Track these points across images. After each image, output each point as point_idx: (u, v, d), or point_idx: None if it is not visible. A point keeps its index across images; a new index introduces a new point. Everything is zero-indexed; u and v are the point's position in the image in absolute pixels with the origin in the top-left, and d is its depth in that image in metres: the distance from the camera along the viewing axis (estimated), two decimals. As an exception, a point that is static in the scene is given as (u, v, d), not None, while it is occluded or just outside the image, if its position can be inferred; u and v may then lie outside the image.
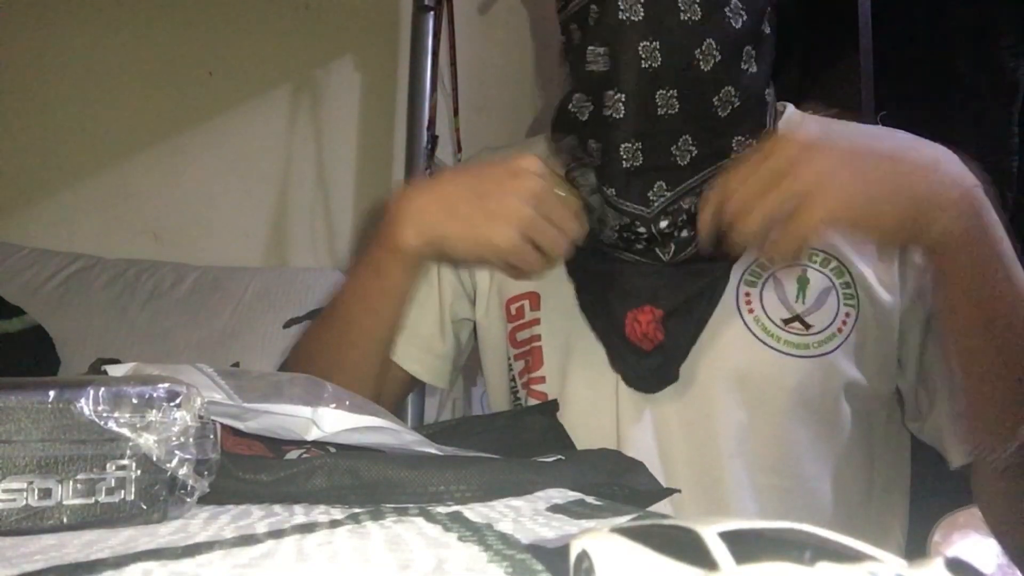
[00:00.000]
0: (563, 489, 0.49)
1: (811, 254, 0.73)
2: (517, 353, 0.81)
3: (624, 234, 0.72)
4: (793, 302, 0.72)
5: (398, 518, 0.41)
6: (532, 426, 0.68)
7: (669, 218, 0.71)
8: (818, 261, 0.73)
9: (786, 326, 0.72)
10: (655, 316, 0.71)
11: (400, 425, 0.52)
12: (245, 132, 1.55)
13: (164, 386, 0.40)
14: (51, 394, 0.37)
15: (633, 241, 0.72)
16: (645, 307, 0.71)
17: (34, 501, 0.36)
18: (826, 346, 0.71)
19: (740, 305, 0.73)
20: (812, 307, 0.72)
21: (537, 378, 0.78)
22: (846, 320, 0.72)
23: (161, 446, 0.39)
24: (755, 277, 0.74)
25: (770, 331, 0.72)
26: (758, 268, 0.74)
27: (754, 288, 0.73)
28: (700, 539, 0.22)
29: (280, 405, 0.47)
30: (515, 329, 0.81)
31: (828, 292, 0.72)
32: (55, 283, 1.34)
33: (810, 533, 0.23)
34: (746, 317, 0.72)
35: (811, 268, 0.73)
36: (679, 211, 0.71)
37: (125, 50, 1.53)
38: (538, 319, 0.79)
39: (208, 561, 0.31)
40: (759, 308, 0.72)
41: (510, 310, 0.81)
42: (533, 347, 0.78)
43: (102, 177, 1.53)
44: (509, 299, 0.81)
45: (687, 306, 0.71)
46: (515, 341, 0.81)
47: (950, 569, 0.20)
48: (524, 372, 0.80)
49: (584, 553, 0.25)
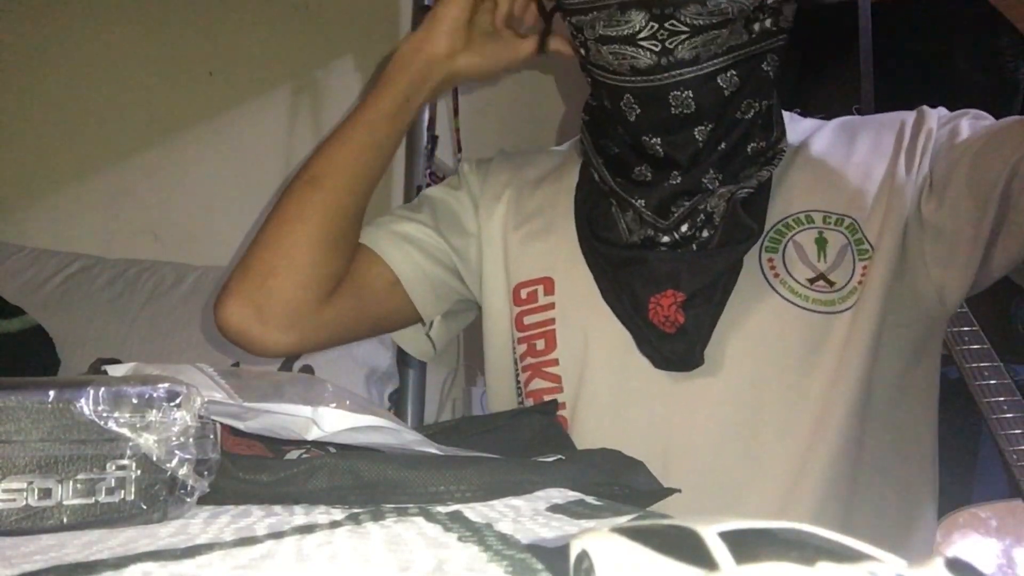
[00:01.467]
0: (563, 489, 0.49)
1: (824, 216, 0.76)
2: (521, 336, 0.82)
3: (647, 243, 0.76)
4: (815, 262, 0.75)
5: (398, 518, 0.41)
6: (532, 426, 0.68)
7: (688, 221, 0.74)
8: (832, 221, 0.75)
9: (812, 285, 0.74)
10: (676, 300, 0.73)
11: (400, 425, 0.52)
12: (245, 132, 1.55)
13: (164, 386, 0.40)
14: (51, 394, 0.37)
15: (657, 245, 0.76)
16: (667, 291, 0.74)
17: (34, 501, 0.36)
18: (849, 300, 0.73)
19: (766, 272, 0.75)
20: (833, 265, 0.74)
21: (550, 360, 0.80)
22: (864, 274, 0.74)
23: (161, 446, 0.39)
24: (775, 244, 0.76)
25: (798, 292, 0.74)
26: (776, 235, 0.76)
27: (776, 254, 0.75)
28: (700, 539, 0.22)
29: (280, 404, 0.47)
30: (523, 313, 0.82)
31: (846, 249, 0.74)
32: (55, 283, 1.34)
33: (810, 533, 0.23)
34: (773, 282, 0.74)
35: (827, 229, 0.75)
36: (696, 212, 0.74)
37: (125, 50, 1.53)
38: (552, 303, 0.81)
39: (208, 562, 0.31)
40: (784, 272, 0.75)
41: (519, 294, 0.83)
42: (546, 331, 0.80)
43: (102, 177, 1.53)
44: (519, 284, 0.83)
45: (708, 289, 0.73)
46: (521, 325, 0.82)
47: (950, 569, 0.20)
48: (527, 355, 0.81)
49: (584, 553, 0.25)
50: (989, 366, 1.12)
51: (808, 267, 0.74)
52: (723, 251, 0.74)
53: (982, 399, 1.10)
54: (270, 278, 0.77)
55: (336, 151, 0.81)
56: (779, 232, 0.76)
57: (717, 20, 0.69)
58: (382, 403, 1.27)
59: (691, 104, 0.72)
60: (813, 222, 0.76)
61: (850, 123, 0.84)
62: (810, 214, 0.76)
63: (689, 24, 0.69)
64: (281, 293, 0.77)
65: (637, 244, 0.76)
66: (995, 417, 1.09)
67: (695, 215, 0.74)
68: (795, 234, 0.76)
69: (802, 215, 0.76)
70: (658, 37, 0.70)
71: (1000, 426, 1.08)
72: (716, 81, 0.72)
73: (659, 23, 0.69)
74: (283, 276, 0.77)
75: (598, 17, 0.71)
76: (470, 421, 0.74)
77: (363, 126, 0.81)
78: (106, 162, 1.53)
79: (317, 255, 0.78)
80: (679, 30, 0.69)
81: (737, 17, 0.70)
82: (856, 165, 0.78)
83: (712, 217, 0.74)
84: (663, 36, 0.70)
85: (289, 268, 0.78)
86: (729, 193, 0.74)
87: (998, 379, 1.11)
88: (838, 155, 0.80)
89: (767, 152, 0.76)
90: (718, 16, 0.69)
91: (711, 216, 0.74)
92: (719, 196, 0.74)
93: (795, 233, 0.76)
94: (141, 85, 1.53)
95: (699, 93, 0.72)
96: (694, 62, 0.71)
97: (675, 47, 0.70)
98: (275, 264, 0.78)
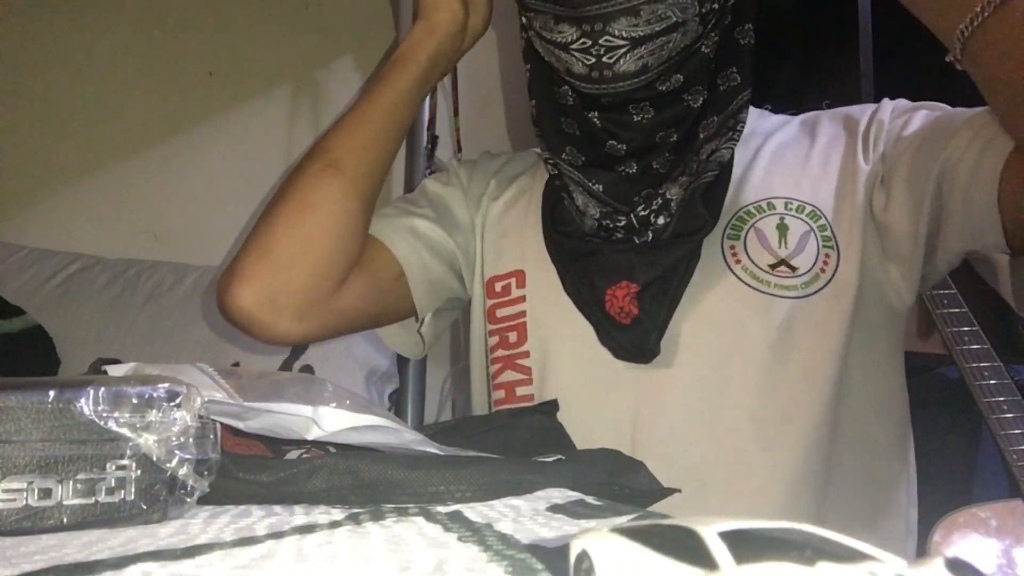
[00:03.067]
0: (563, 489, 0.49)
1: (786, 202, 0.76)
2: (492, 329, 0.83)
3: (604, 222, 0.77)
4: (776, 248, 0.75)
5: (398, 518, 0.41)
6: (532, 426, 0.68)
7: (644, 203, 0.75)
8: (793, 208, 0.76)
9: (773, 271, 0.74)
10: (630, 291, 0.74)
11: (400, 424, 0.52)
12: (245, 132, 1.55)
13: (164, 386, 0.40)
14: (51, 394, 0.37)
15: (612, 230, 0.76)
16: (622, 282, 0.75)
17: (34, 501, 0.36)
18: (812, 286, 0.74)
19: (727, 259, 0.75)
20: (795, 250, 0.75)
21: (522, 353, 0.81)
22: (827, 261, 0.74)
23: (161, 446, 0.39)
24: (736, 231, 0.76)
25: (759, 277, 0.74)
26: (737, 222, 0.76)
27: (737, 241, 0.76)
28: (700, 539, 0.22)
29: (280, 404, 0.47)
30: (496, 306, 0.84)
31: (808, 235, 0.75)
32: (55, 283, 1.34)
33: (810, 533, 0.23)
34: (735, 268, 0.75)
35: (788, 215, 0.76)
36: (653, 196, 0.75)
37: (125, 50, 1.53)
38: (524, 296, 0.82)
39: (208, 562, 0.31)
40: (745, 258, 0.75)
41: (494, 287, 0.84)
42: (518, 323, 0.82)
43: (102, 177, 1.53)
44: (494, 277, 0.84)
45: (662, 280, 0.74)
46: (494, 317, 0.83)
47: (950, 569, 0.20)
48: (498, 347, 0.82)
49: (584, 553, 0.25)
50: (989, 366, 1.12)
51: (769, 253, 0.75)
52: (676, 241, 0.75)
53: (982, 399, 1.10)
54: (287, 268, 0.75)
55: (356, 133, 0.79)
56: (740, 219, 0.77)
57: (660, 28, 0.69)
58: (382, 403, 1.27)
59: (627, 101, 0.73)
60: (775, 208, 0.76)
61: (814, 117, 0.85)
62: (771, 201, 0.77)
63: (628, 37, 0.69)
64: (298, 282, 0.75)
65: (593, 234, 0.78)
66: (995, 417, 1.09)
67: (651, 199, 0.75)
68: (756, 221, 0.76)
69: (763, 202, 0.77)
70: (592, 52, 0.70)
71: (1000, 426, 1.08)
72: (656, 87, 0.73)
73: (591, 40, 0.69)
74: (300, 267, 0.75)
75: (538, 18, 0.73)
76: (470, 421, 0.74)
77: (383, 107, 0.80)
78: (106, 162, 1.53)
79: (336, 243, 0.76)
80: (615, 44, 0.69)
81: (686, 19, 0.70)
82: (816, 155, 0.79)
83: (669, 204, 0.75)
84: (599, 51, 0.70)
85: (306, 257, 0.75)
86: (688, 182, 0.75)
87: (998, 379, 1.11)
88: (800, 147, 0.81)
89: (723, 128, 0.76)
90: (660, 23, 0.69)
91: (668, 203, 0.75)
92: (679, 185, 0.75)
93: (756, 220, 0.76)
94: (141, 85, 1.52)
95: (635, 97, 0.73)
96: (641, 72, 0.71)
97: (615, 61, 0.70)
98: (293, 252, 0.75)
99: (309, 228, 0.76)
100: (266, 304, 0.74)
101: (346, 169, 0.77)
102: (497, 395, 0.82)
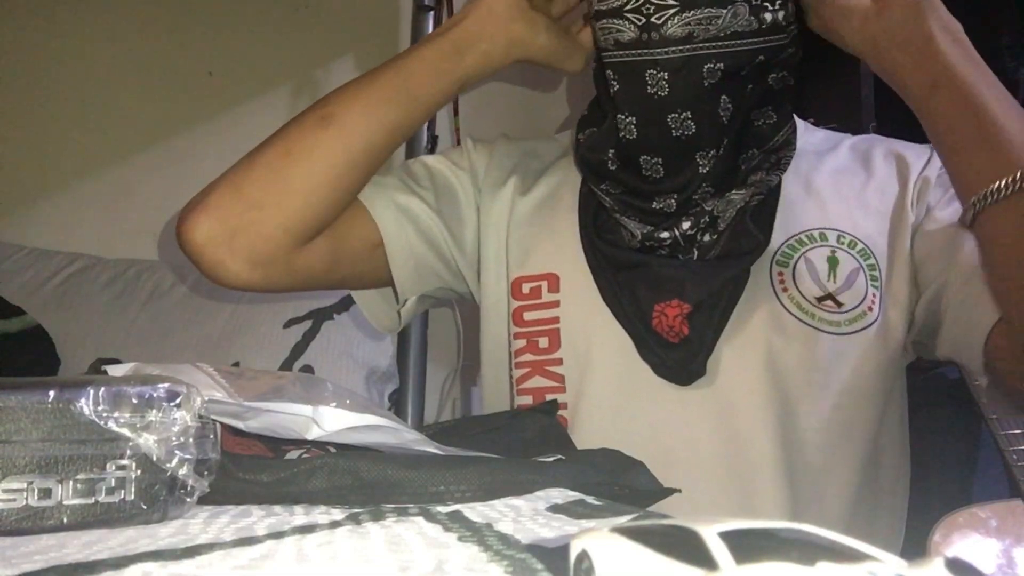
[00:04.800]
0: (563, 489, 0.49)
1: (839, 236, 0.75)
2: (520, 332, 0.80)
3: (647, 243, 0.74)
4: (825, 281, 0.74)
5: (398, 518, 0.41)
6: (532, 426, 0.68)
7: (691, 220, 0.73)
8: (846, 243, 0.75)
9: (820, 304, 0.73)
10: (682, 310, 0.72)
11: (400, 424, 0.52)
12: (245, 132, 1.54)
13: (164, 386, 0.40)
14: (51, 394, 0.37)
15: (656, 248, 0.74)
16: (673, 300, 0.72)
17: (34, 501, 0.36)
18: (856, 324, 0.73)
19: (775, 286, 0.74)
20: (843, 286, 0.74)
21: (554, 360, 0.78)
22: (875, 300, 0.73)
23: (161, 446, 0.39)
24: (786, 258, 0.75)
25: (805, 308, 0.73)
26: (788, 249, 0.75)
27: (786, 268, 0.74)
28: (700, 539, 0.22)
29: (280, 404, 0.47)
30: (523, 308, 0.80)
31: (857, 272, 0.74)
32: (55, 283, 1.34)
33: (810, 533, 0.23)
34: (781, 296, 0.73)
35: (840, 249, 0.75)
36: (701, 213, 0.73)
37: (125, 50, 1.53)
38: (557, 301, 0.79)
39: (208, 562, 0.31)
40: (793, 287, 0.74)
41: (520, 288, 0.81)
42: (550, 329, 0.78)
43: (102, 177, 1.52)
44: (521, 278, 0.81)
45: (712, 300, 0.72)
46: (521, 320, 0.80)
47: (950, 569, 0.20)
48: (525, 351, 0.79)
49: (584, 553, 0.25)
50: (989, 366, 1.12)
51: (817, 285, 0.73)
52: (727, 261, 0.73)
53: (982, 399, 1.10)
54: (255, 209, 0.72)
55: (360, 93, 0.76)
56: (791, 247, 0.75)
57: None
58: (382, 403, 1.27)
59: (665, 87, 0.70)
60: (827, 240, 0.75)
61: (866, 145, 0.83)
62: (824, 232, 0.76)
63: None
64: (261, 228, 0.72)
65: (638, 248, 0.75)
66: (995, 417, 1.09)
67: (700, 215, 0.73)
68: (808, 250, 0.75)
69: (816, 232, 0.76)
70: (643, 11, 0.68)
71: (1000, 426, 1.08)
72: (701, 70, 0.69)
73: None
74: (269, 212, 0.72)
75: None
76: (470, 421, 0.74)
77: (396, 71, 0.77)
78: (106, 162, 1.52)
79: (310, 200, 0.73)
80: (666, 4, 0.68)
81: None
82: (871, 192, 0.78)
83: (716, 222, 0.73)
84: (648, 11, 0.68)
85: (277, 206, 0.72)
86: (741, 201, 0.73)
87: (998, 379, 1.11)
88: (856, 179, 0.79)
89: (765, 163, 0.75)
90: None
91: (715, 220, 0.73)
92: (728, 202, 0.73)
93: (808, 249, 0.75)
94: (141, 85, 1.52)
95: (676, 77, 0.69)
96: (687, 40, 0.68)
97: (663, 22, 0.68)
98: (263, 198, 0.72)
99: (287, 176, 0.73)
100: (222, 241, 0.72)
101: (341, 126, 0.74)
102: (523, 400, 0.79)
